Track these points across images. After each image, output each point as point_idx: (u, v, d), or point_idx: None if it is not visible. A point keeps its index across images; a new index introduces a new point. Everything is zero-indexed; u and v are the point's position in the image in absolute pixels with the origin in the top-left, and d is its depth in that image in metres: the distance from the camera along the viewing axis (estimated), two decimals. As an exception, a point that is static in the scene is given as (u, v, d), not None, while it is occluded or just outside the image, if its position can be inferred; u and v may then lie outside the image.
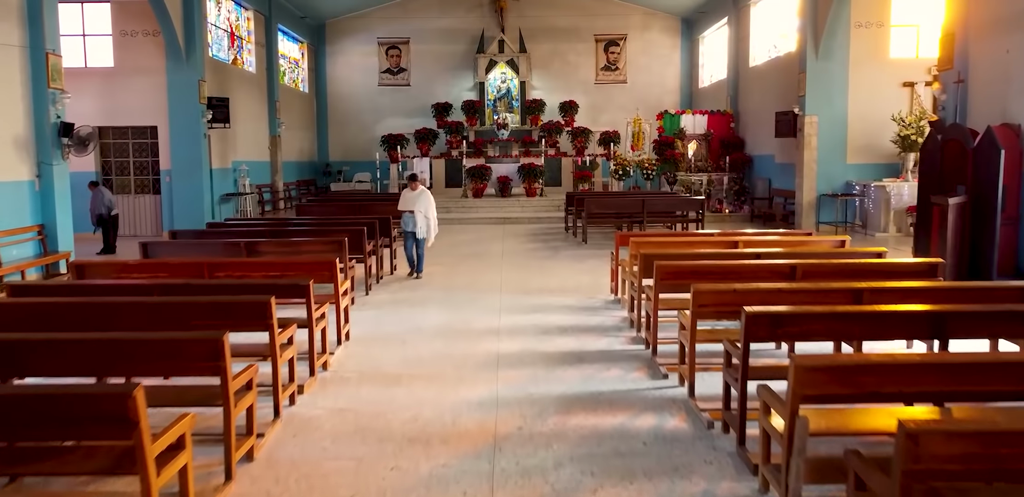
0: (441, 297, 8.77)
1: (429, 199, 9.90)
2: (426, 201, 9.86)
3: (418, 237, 9.90)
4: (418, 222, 9.81)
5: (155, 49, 14.98)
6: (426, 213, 9.82)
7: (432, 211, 9.96)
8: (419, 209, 9.79)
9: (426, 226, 9.87)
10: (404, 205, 9.95)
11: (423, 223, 9.83)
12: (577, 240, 14.15)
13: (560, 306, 8.17)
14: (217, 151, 16.67)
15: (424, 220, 9.83)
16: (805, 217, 15.37)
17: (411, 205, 9.86)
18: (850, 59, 15.06)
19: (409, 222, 9.89)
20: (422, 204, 9.82)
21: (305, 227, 9.59)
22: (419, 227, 9.81)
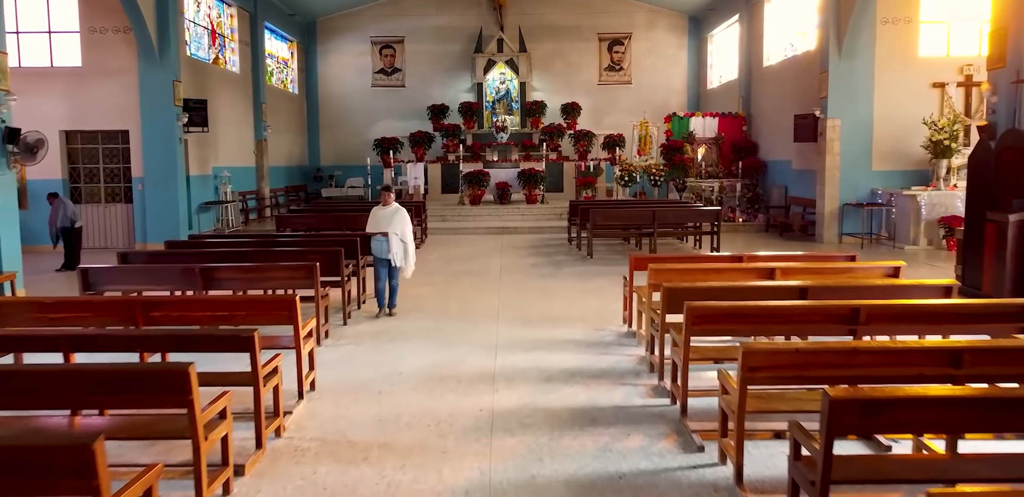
0: (429, 327, 7.67)
1: (405, 218, 7.99)
2: (402, 221, 7.95)
3: (393, 265, 8.01)
4: (392, 247, 7.89)
5: (126, 47, 13.90)
6: (402, 236, 7.93)
7: (409, 234, 8.07)
8: (394, 230, 7.89)
9: (402, 252, 7.98)
10: (375, 226, 8.00)
11: (399, 248, 7.94)
12: (582, 253, 13.05)
13: (566, 340, 7.07)
14: (196, 157, 15.59)
15: (400, 245, 7.94)
16: (827, 228, 14.28)
17: (384, 226, 7.95)
18: (876, 58, 14.00)
19: (382, 248, 7.95)
20: (397, 225, 7.92)
21: (277, 247, 8.47)
22: (394, 253, 7.92)
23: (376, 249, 8.01)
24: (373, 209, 8.19)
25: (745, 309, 4.81)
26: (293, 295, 5.16)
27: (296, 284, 7.10)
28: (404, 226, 7.95)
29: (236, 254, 7.68)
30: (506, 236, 15.89)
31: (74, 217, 11.57)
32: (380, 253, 8.00)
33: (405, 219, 7.99)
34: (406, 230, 7.97)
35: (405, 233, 7.97)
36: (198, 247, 8.44)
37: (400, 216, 7.97)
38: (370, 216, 8.16)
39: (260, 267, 6.93)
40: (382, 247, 7.95)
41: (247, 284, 7.08)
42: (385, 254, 7.95)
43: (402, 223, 7.94)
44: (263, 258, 7.63)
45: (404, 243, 7.97)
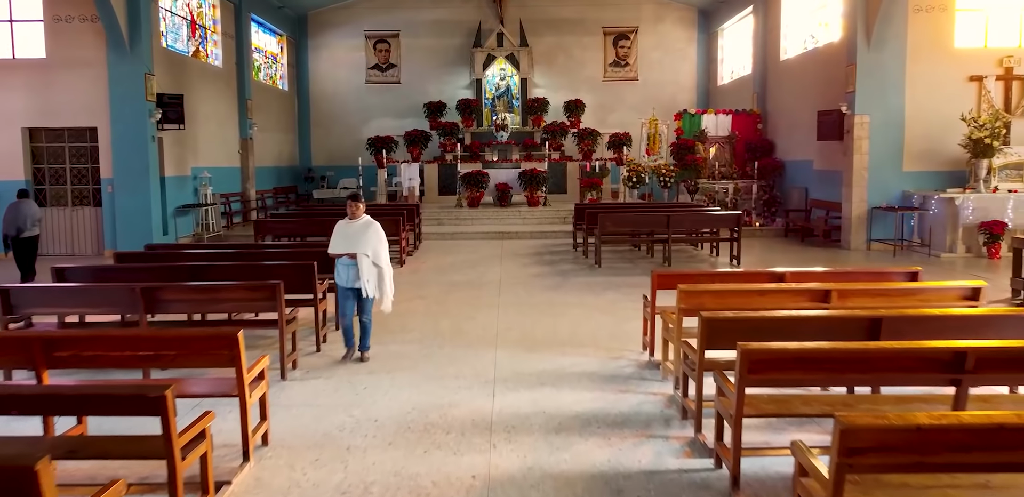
0: (416, 355, 6.57)
1: (379, 235, 6.24)
2: (375, 239, 6.18)
3: (364, 296, 6.21)
4: (363, 273, 6.11)
5: (94, 37, 12.80)
6: (375, 258, 6.16)
7: (385, 255, 6.29)
8: (364, 251, 6.13)
9: (376, 279, 6.22)
10: (339, 245, 6.20)
11: (371, 274, 6.17)
12: (589, 262, 11.95)
13: (577, 373, 5.96)
14: (172, 156, 14.49)
15: (373, 270, 6.19)
16: (854, 234, 13.18)
17: (352, 245, 6.14)
18: (907, 49, 12.90)
19: (348, 274, 6.18)
20: (369, 243, 6.14)
21: (242, 259, 7.36)
22: (366, 281, 6.14)
23: (341, 276, 6.24)
24: (337, 224, 6.33)
25: (816, 353, 3.70)
26: (232, 331, 4.04)
27: (257, 307, 6.01)
28: (378, 245, 6.20)
29: (192, 270, 6.57)
30: (506, 241, 14.80)
31: (23, 225, 10.34)
32: (346, 281, 6.22)
33: (379, 236, 6.23)
34: (380, 250, 6.22)
35: (379, 254, 6.20)
36: (151, 260, 7.33)
37: (372, 232, 6.19)
38: (333, 233, 6.28)
39: (214, 287, 5.82)
40: (349, 273, 6.19)
41: (199, 307, 5.98)
42: (352, 282, 6.18)
43: (375, 241, 6.18)
44: (222, 274, 6.53)
45: (378, 267, 6.20)
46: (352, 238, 6.20)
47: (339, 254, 6.23)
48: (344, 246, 6.20)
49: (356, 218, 6.30)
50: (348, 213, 6.33)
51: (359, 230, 6.22)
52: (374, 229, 6.25)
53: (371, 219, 6.33)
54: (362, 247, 6.14)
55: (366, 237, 6.17)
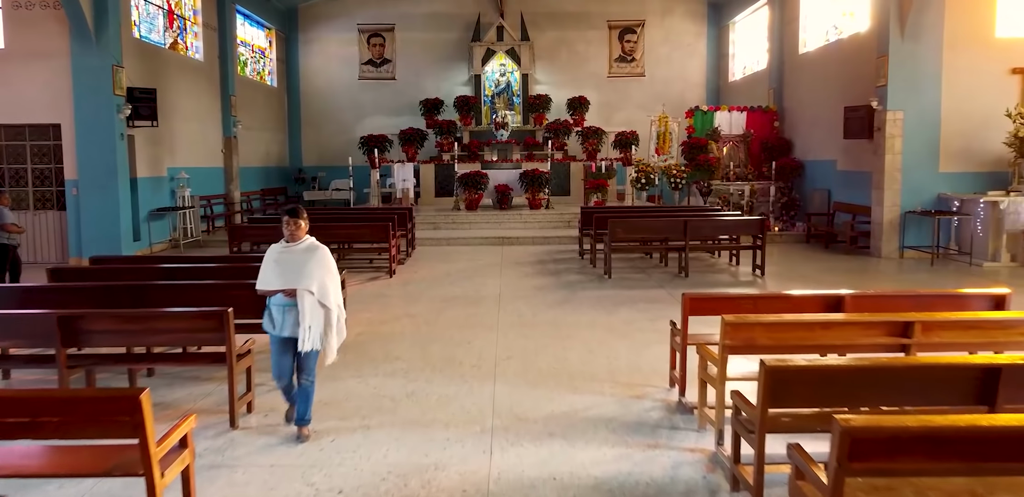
0: (399, 392, 5.49)
1: (327, 263, 4.56)
2: (321, 268, 4.50)
3: (302, 349, 4.48)
4: (305, 315, 4.43)
5: (57, 26, 11.72)
6: (321, 295, 4.48)
7: (336, 290, 4.61)
8: (307, 286, 4.43)
9: (321, 322, 4.50)
10: (272, 279, 4.50)
11: (314, 317, 4.46)
12: (597, 272, 10.87)
13: (592, 418, 4.88)
14: (145, 156, 13.44)
15: (318, 311, 4.48)
16: (885, 240, 12.11)
17: (291, 278, 4.45)
18: (944, 39, 11.82)
19: (283, 319, 4.52)
20: (313, 275, 4.46)
21: (199, 277, 6.27)
22: (307, 327, 4.43)
23: (275, 322, 4.55)
24: (270, 249, 4.62)
25: (954, 431, 2.61)
26: (134, 392, 2.96)
27: (205, 338, 4.91)
28: (326, 277, 4.50)
29: (132, 291, 5.49)
30: (506, 247, 13.73)
31: None
32: (281, 328, 4.52)
33: (327, 265, 4.55)
34: (329, 285, 4.52)
35: (327, 290, 4.49)
36: (93, 277, 6.25)
37: (318, 261, 4.50)
38: (264, 262, 4.56)
39: (148, 315, 4.74)
40: (285, 318, 4.49)
41: (130, 339, 4.89)
42: (290, 330, 4.49)
43: (322, 273, 4.48)
44: (169, 296, 5.45)
45: (326, 308, 4.51)
46: (290, 268, 4.44)
47: (271, 291, 4.50)
48: (279, 280, 4.45)
49: (296, 241, 4.55)
50: (284, 234, 4.57)
51: (300, 258, 4.48)
52: (320, 256, 4.52)
53: (316, 242, 4.63)
54: (304, 280, 4.41)
55: (309, 267, 4.44)
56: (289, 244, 4.58)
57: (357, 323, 7.66)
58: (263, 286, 4.54)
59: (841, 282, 9.96)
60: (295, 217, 4.56)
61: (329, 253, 4.64)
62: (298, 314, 4.46)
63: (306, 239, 4.62)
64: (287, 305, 4.52)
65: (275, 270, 4.50)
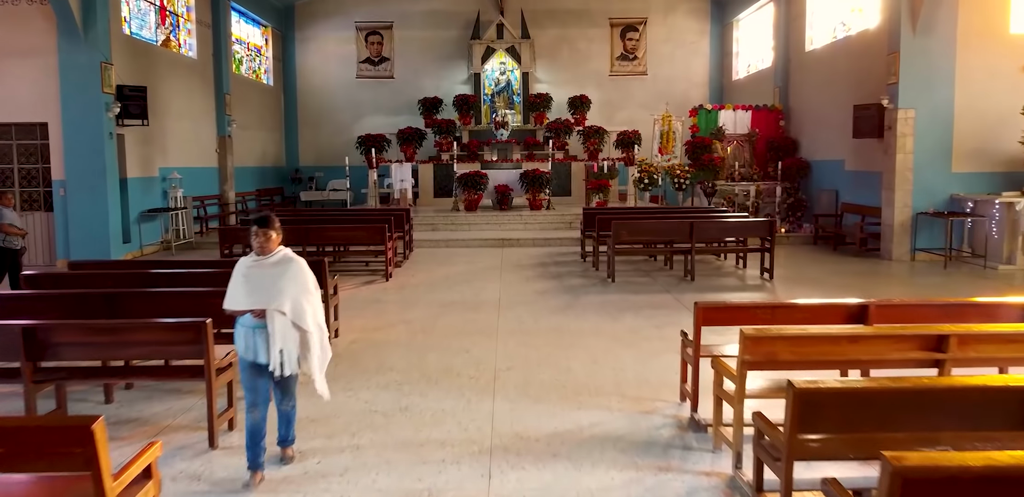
0: (392, 407, 5.14)
1: (303, 277, 3.99)
2: (296, 283, 3.94)
3: (277, 373, 3.96)
4: (276, 337, 3.90)
5: (44, 22, 11.39)
6: (296, 315, 3.93)
7: (313, 309, 4.03)
8: (279, 305, 3.88)
9: (295, 346, 3.98)
10: (239, 297, 3.93)
11: (287, 340, 3.93)
12: (600, 275, 10.54)
13: (599, 437, 4.55)
14: (136, 155, 13.12)
15: (292, 333, 3.95)
16: (896, 243, 11.77)
17: (260, 296, 3.90)
18: (957, 35, 11.48)
19: (255, 342, 3.95)
20: (286, 292, 3.90)
21: (181, 283, 5.93)
22: (283, 352, 3.93)
23: (243, 345, 3.97)
24: (239, 263, 4.03)
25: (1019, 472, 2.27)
26: (85, 420, 2.62)
27: (178, 351, 4.56)
28: (301, 295, 3.94)
29: (107, 299, 5.15)
30: (507, 249, 13.39)
31: None
32: (252, 353, 3.94)
33: (302, 280, 3.96)
34: (305, 302, 3.94)
35: (302, 309, 3.92)
36: (68, 284, 5.91)
37: (292, 275, 3.93)
38: (232, 278, 3.99)
39: (117, 326, 4.40)
40: (255, 341, 3.92)
41: (100, 352, 4.54)
42: (262, 355, 3.92)
43: (297, 289, 3.92)
44: (144, 305, 5.12)
45: (302, 330, 3.95)
46: (260, 285, 3.88)
47: (239, 311, 3.92)
48: (247, 298, 3.88)
49: (267, 254, 3.95)
50: (254, 246, 3.98)
51: (270, 273, 3.91)
52: (294, 271, 3.93)
53: (290, 254, 4.04)
54: (275, 299, 3.85)
55: (281, 284, 3.88)
56: (259, 257, 3.98)
57: (350, 330, 7.33)
58: (230, 305, 3.93)
59: (853, 286, 9.63)
60: (265, 227, 3.92)
61: (305, 266, 4.05)
62: (268, 337, 3.92)
63: (278, 251, 4.00)
64: (257, 327, 3.95)
65: (243, 287, 3.92)
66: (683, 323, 7.56)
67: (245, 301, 3.91)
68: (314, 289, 4.05)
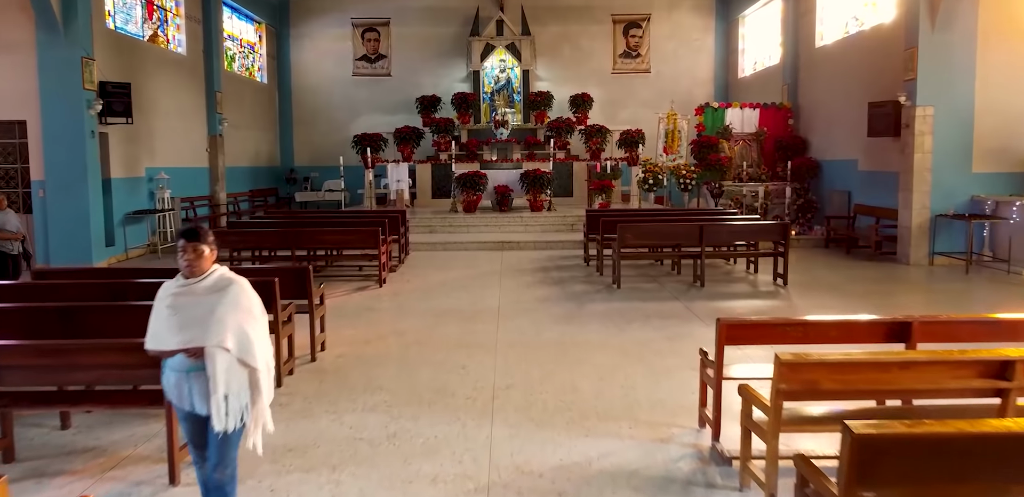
0: (378, 433, 4.63)
1: (242, 302, 3.17)
2: (237, 310, 3.13)
3: (220, 427, 3.12)
4: (218, 383, 3.07)
5: (21, 16, 10.86)
6: (241, 351, 3.12)
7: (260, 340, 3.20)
8: (218, 340, 3.06)
9: (244, 390, 3.19)
10: (165, 333, 3.11)
11: (232, 384, 3.12)
12: (604, 280, 10.04)
13: (610, 472, 4.03)
14: (121, 155, 12.62)
15: (237, 374, 3.14)
16: (914, 246, 11.27)
17: (193, 332, 3.07)
18: (978, 29, 10.97)
19: (189, 386, 3.16)
20: (225, 323, 3.08)
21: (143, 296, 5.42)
22: (220, 398, 3.09)
23: (178, 393, 3.22)
24: (163, 287, 3.22)
25: None
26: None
27: (135, 376, 4.04)
28: (245, 323, 3.15)
29: (63, 314, 4.64)
30: (506, 253, 12.88)
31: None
32: (185, 400, 3.20)
33: (245, 305, 3.18)
34: (250, 333, 3.16)
35: (248, 342, 3.14)
36: (27, 296, 5.40)
37: (233, 300, 3.14)
38: (154, 307, 3.21)
39: (65, 347, 3.89)
40: (189, 387, 3.17)
41: (47, 377, 4.02)
42: (201, 405, 3.17)
43: (238, 319, 3.13)
44: (105, 321, 4.61)
45: (247, 367, 3.17)
46: (191, 317, 3.08)
47: (166, 351, 3.13)
48: (176, 334, 3.07)
49: (198, 275, 3.15)
50: (180, 266, 3.16)
51: (204, 300, 3.11)
52: (233, 295, 3.14)
53: (228, 275, 3.23)
54: (214, 333, 3.05)
55: (219, 313, 3.08)
56: (188, 280, 3.15)
57: (339, 342, 6.82)
58: (156, 345, 3.13)
59: (872, 293, 9.13)
60: (194, 240, 3.12)
61: (248, 287, 3.23)
62: (207, 381, 3.09)
63: (213, 271, 3.20)
64: (192, 370, 3.12)
65: (171, 320, 3.08)
66: (695, 334, 7.08)
67: (175, 338, 3.07)
68: (261, 314, 3.27)
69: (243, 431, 3.25)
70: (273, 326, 5.54)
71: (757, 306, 8.75)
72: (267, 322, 3.39)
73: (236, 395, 3.17)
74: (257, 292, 3.32)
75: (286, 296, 6.04)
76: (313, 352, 6.32)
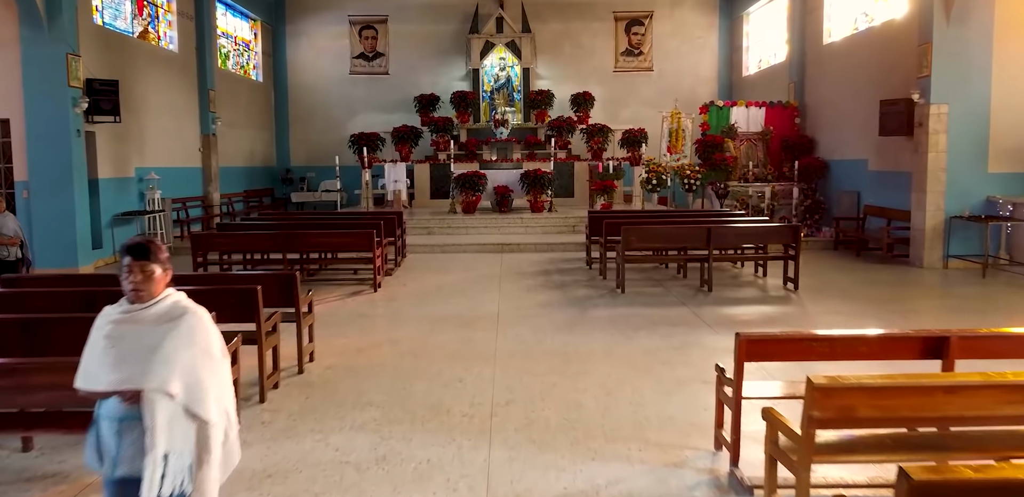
0: (366, 456, 4.26)
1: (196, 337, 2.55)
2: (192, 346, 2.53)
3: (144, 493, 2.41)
4: (157, 437, 2.43)
5: (4, 11, 10.50)
6: (191, 399, 2.50)
7: (216, 385, 2.59)
8: (159, 383, 2.44)
9: (190, 449, 2.52)
10: (98, 368, 2.52)
11: (176, 439, 2.48)
12: (607, 284, 9.66)
13: (620, 502, 3.67)
14: (109, 154, 12.26)
15: (182, 427, 2.51)
16: (928, 248, 10.90)
17: (131, 370, 2.46)
18: (995, 24, 10.61)
19: (121, 442, 2.51)
20: (174, 361, 2.48)
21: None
22: (159, 457, 2.44)
23: (104, 448, 2.56)
24: (101, 314, 2.63)
25: None
26: None
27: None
28: (199, 364, 2.55)
29: (24, 327, 4.27)
30: (506, 255, 12.52)
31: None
32: (114, 461, 2.54)
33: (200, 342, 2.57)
34: (204, 377, 2.55)
35: (200, 388, 2.53)
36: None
37: (185, 335, 2.54)
38: (90, 338, 2.60)
39: (18, 367, 3.52)
40: (118, 442, 2.52)
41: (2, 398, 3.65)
42: (128, 464, 2.51)
43: (189, 356, 2.53)
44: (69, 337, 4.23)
45: (200, 421, 2.54)
46: (133, 351, 2.50)
47: (99, 392, 2.54)
48: (112, 373, 2.49)
49: (145, 301, 2.57)
50: (124, 289, 2.57)
51: (151, 332, 2.52)
52: (186, 329, 2.55)
53: (184, 302, 2.64)
54: (157, 374, 2.46)
55: (165, 349, 2.49)
56: (133, 307, 2.56)
57: (329, 352, 6.45)
58: (86, 383, 2.54)
59: (888, 299, 8.77)
60: (142, 258, 2.52)
61: (206, 320, 2.63)
62: (143, 435, 2.46)
63: (165, 297, 2.59)
64: (126, 418, 2.50)
65: (106, 353, 2.51)
66: (704, 342, 6.72)
67: (108, 377, 2.48)
68: (220, 355, 2.65)
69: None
70: (256, 337, 5.19)
71: (768, 312, 8.39)
72: (229, 365, 2.78)
73: (179, 454, 2.49)
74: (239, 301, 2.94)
75: (272, 304, 5.69)
76: (300, 364, 5.94)
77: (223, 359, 2.69)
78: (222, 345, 2.71)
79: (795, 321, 7.84)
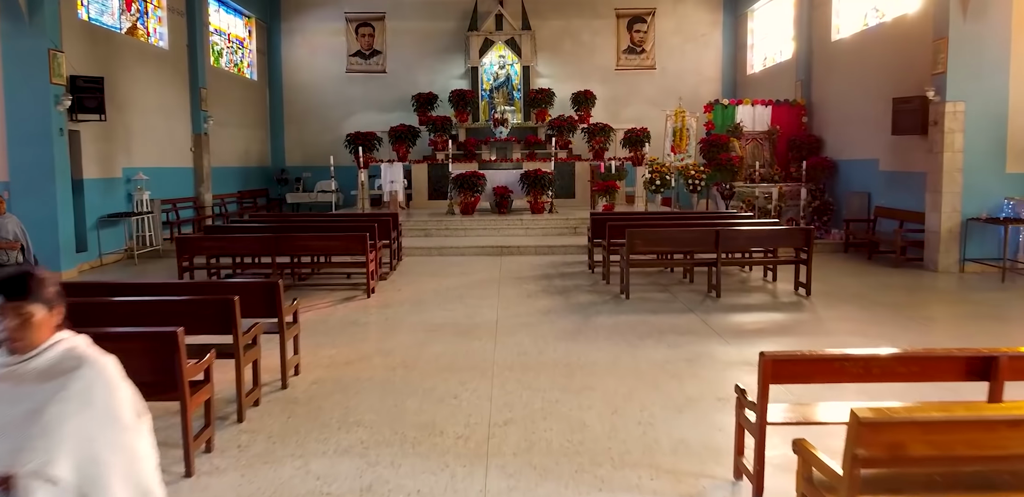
0: (351, 485, 3.86)
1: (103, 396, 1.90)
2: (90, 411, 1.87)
3: None
4: None
5: (-16, 4, 10.11)
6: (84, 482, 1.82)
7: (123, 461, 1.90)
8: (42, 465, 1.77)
9: None
10: None
11: None
12: (611, 289, 9.27)
13: (631, 542, 3.27)
14: (95, 154, 11.86)
15: None
16: (943, 252, 10.50)
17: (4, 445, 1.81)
18: (1013, 19, 10.22)
19: None
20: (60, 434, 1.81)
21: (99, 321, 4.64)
22: None
23: None
24: None
25: None
26: None
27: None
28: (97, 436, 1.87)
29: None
30: (505, 258, 12.12)
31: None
32: None
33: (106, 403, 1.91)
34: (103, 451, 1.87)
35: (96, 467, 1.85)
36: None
37: (79, 397, 1.87)
38: None
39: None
40: None
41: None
42: None
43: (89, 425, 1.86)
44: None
45: None
46: (4, 417, 1.86)
47: None
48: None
49: (25, 351, 1.93)
50: (4, 338, 1.91)
51: (32, 393, 1.88)
52: (83, 387, 1.90)
53: (80, 350, 1.98)
54: (30, 449, 1.80)
55: (49, 416, 1.84)
56: (11, 359, 1.94)
57: (316, 364, 6.06)
58: None
59: (905, 305, 8.37)
60: (16, 298, 1.88)
61: (107, 372, 1.97)
62: None
63: (53, 344, 1.97)
64: None
65: None
66: (715, 353, 6.33)
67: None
68: (133, 420, 1.99)
69: None
70: (233, 350, 4.79)
71: (781, 320, 7.99)
72: (142, 427, 2.03)
73: None
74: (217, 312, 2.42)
75: (255, 314, 5.29)
76: (284, 378, 5.54)
77: (136, 423, 2.00)
78: (132, 406, 2.00)
79: (809, 329, 7.45)
